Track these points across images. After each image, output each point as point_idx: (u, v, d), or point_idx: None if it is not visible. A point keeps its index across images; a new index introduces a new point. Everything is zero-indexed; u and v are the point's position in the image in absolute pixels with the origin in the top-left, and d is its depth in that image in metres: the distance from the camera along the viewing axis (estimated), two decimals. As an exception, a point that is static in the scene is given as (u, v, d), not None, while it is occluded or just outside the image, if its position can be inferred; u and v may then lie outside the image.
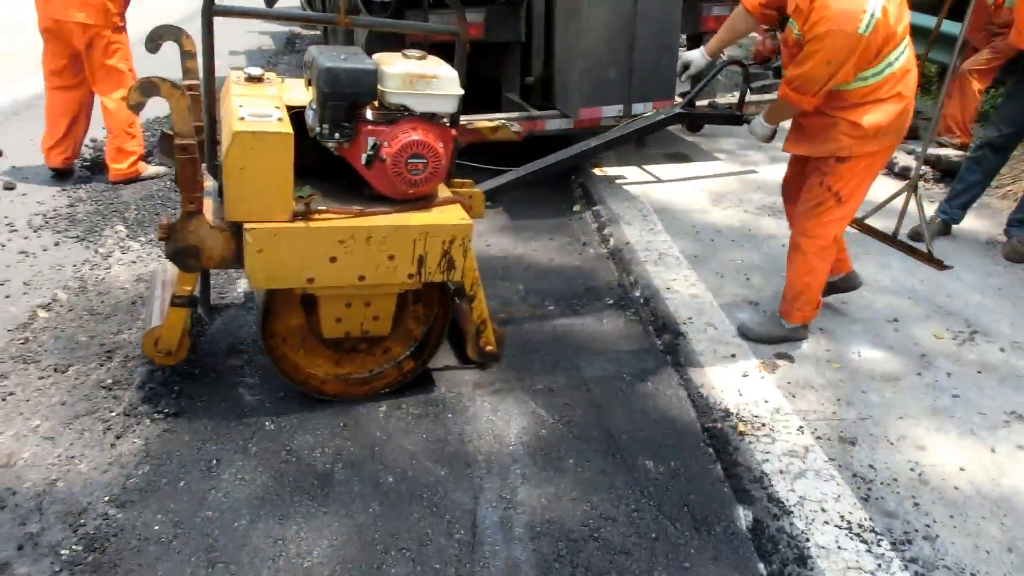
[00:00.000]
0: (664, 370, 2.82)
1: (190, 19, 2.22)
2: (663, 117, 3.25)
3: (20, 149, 4.42)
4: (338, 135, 2.26)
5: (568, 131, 4.26)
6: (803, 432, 2.41)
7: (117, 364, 2.61)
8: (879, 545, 2.00)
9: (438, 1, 4.03)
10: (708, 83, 3.23)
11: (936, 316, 3.19)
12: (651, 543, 2.05)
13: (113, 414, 2.37)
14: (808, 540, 2.00)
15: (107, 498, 2.07)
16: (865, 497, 2.17)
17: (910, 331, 3.07)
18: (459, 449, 2.36)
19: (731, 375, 2.70)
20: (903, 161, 4.88)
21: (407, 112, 2.27)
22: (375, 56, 2.36)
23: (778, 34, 3.04)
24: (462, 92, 2.33)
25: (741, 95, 3.26)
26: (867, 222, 3.96)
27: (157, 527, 1.99)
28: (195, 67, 2.54)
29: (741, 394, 2.60)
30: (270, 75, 2.48)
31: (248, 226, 2.12)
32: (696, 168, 4.82)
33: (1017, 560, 1.99)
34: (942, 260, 3.63)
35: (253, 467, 2.22)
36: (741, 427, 2.43)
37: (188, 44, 2.54)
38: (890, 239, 3.84)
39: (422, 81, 2.25)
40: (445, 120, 2.35)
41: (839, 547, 1.98)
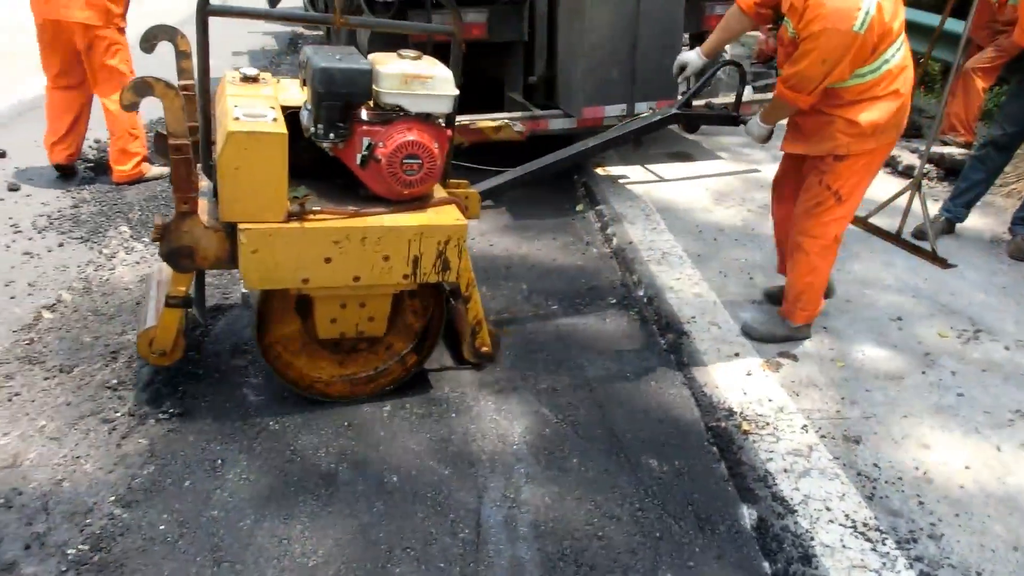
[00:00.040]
0: (667, 369, 2.82)
1: (190, 20, 2.22)
2: (659, 118, 3.23)
3: (24, 150, 4.43)
4: (333, 135, 2.25)
5: (571, 131, 4.26)
6: (807, 431, 2.41)
7: (122, 365, 2.62)
8: (884, 544, 1.99)
9: (441, 1, 4.04)
10: (704, 84, 3.22)
11: (940, 314, 3.18)
12: (655, 542, 2.05)
13: (118, 414, 2.38)
14: (813, 539, 2.00)
15: (113, 498, 2.08)
16: (870, 496, 2.17)
17: (914, 330, 3.06)
18: (463, 449, 2.36)
19: (735, 374, 2.70)
20: (907, 159, 4.87)
21: (402, 112, 2.26)
22: (370, 56, 2.35)
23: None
24: (457, 92, 2.32)
25: (738, 95, 3.24)
26: (871, 220, 3.95)
27: (162, 527, 2.00)
28: (190, 67, 2.54)
29: (745, 393, 2.60)
30: (265, 75, 2.48)
31: (242, 226, 2.11)
32: (699, 167, 4.81)
33: (1023, 559, 1.99)
34: (946, 259, 3.63)
35: (257, 467, 2.23)
36: (745, 426, 2.43)
37: (183, 44, 2.54)
38: (894, 238, 3.84)
39: (417, 81, 2.24)
40: (440, 120, 2.35)
41: (844, 546, 1.98)
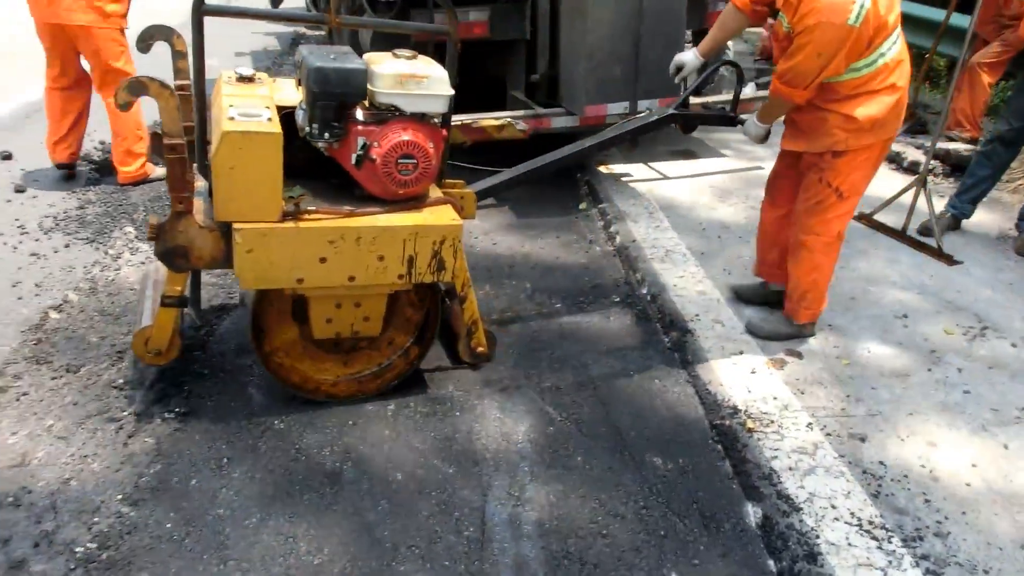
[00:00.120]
0: (672, 367, 2.82)
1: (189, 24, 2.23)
2: (656, 118, 3.22)
3: (30, 152, 4.44)
4: (328, 135, 2.25)
5: (574, 129, 4.25)
6: (812, 429, 2.41)
7: (128, 364, 2.63)
8: (890, 542, 1.99)
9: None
10: (703, 83, 3.21)
11: (946, 312, 3.17)
12: (660, 540, 2.06)
13: (125, 414, 2.39)
14: (818, 537, 2.00)
15: (120, 496, 2.09)
16: (875, 494, 2.16)
17: (920, 327, 3.05)
18: (467, 447, 2.37)
19: (739, 372, 2.70)
20: (912, 155, 4.85)
21: (397, 112, 2.26)
22: (365, 56, 2.34)
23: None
24: (453, 92, 2.32)
25: (735, 95, 3.22)
26: (876, 217, 3.95)
27: (169, 525, 2.01)
28: (186, 67, 2.53)
29: (749, 391, 2.60)
30: (261, 75, 2.47)
31: (237, 226, 2.11)
32: (702, 165, 4.80)
33: (1029, 556, 1.98)
34: (952, 255, 3.63)
35: (263, 466, 2.24)
36: (750, 424, 2.42)
37: (179, 44, 2.54)
38: (899, 234, 3.83)
39: (412, 81, 2.23)
40: (436, 120, 2.34)
41: (849, 544, 1.98)
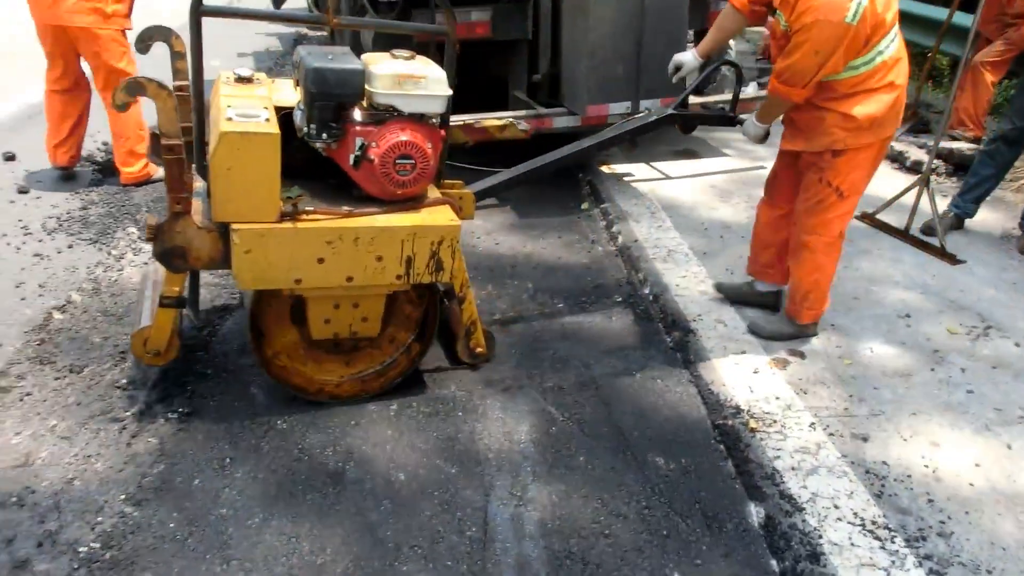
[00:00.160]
0: (674, 367, 2.82)
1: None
2: (655, 118, 3.22)
3: (33, 153, 4.45)
4: (326, 135, 2.25)
5: (576, 128, 4.25)
6: (815, 428, 2.40)
7: (131, 364, 2.63)
8: (893, 542, 1.99)
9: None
10: (704, 83, 3.20)
11: (949, 311, 3.16)
12: (662, 540, 2.05)
13: (128, 414, 2.40)
14: (821, 537, 1.99)
15: (123, 496, 2.09)
16: (878, 494, 2.16)
17: (923, 326, 3.04)
18: (469, 447, 2.37)
19: (742, 372, 2.70)
20: (915, 155, 4.84)
21: (395, 112, 2.26)
22: (363, 56, 2.34)
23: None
24: (451, 93, 2.32)
25: (734, 95, 3.21)
26: (879, 217, 3.94)
27: (172, 524, 2.02)
28: (185, 68, 2.53)
29: (752, 391, 2.59)
30: (260, 76, 2.47)
31: (235, 226, 2.11)
32: (704, 164, 4.80)
33: (1033, 556, 1.98)
34: (955, 255, 3.62)
35: (266, 465, 2.24)
36: (752, 424, 2.42)
37: (178, 45, 2.54)
38: (902, 234, 3.82)
39: (410, 81, 2.23)
40: (434, 120, 2.34)
41: (852, 544, 1.98)
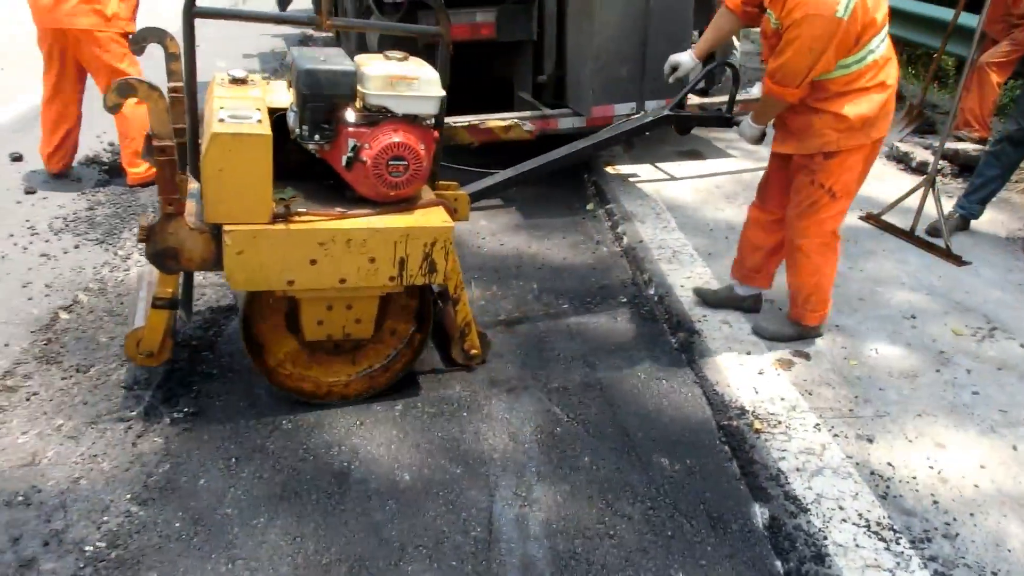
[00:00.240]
0: (679, 368, 2.82)
1: (204, 24, 2.24)
2: (651, 120, 3.22)
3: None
4: (318, 137, 2.25)
5: (580, 129, 4.25)
6: (820, 430, 2.40)
7: (137, 364, 2.64)
8: (898, 543, 1.98)
9: (450, 1, 4.04)
10: (698, 84, 3.19)
11: (955, 312, 3.16)
12: (667, 541, 2.05)
13: (134, 413, 2.41)
14: (826, 538, 1.99)
15: (129, 496, 2.10)
16: (883, 495, 2.16)
17: (928, 328, 3.04)
18: (474, 447, 2.37)
19: (746, 372, 2.69)
20: (920, 156, 4.83)
21: (388, 114, 2.25)
22: (356, 57, 2.34)
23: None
24: (444, 94, 2.32)
25: (731, 96, 3.20)
26: (884, 218, 3.94)
27: (178, 524, 2.02)
28: (179, 69, 2.54)
29: (757, 391, 2.59)
30: (254, 77, 2.48)
31: (227, 228, 2.11)
32: (709, 165, 4.80)
33: (1039, 558, 1.97)
34: (960, 256, 3.61)
35: (271, 465, 2.25)
36: (757, 425, 2.42)
37: (173, 46, 2.55)
38: (908, 235, 3.82)
39: (403, 83, 2.22)
40: (427, 122, 2.33)
41: (857, 545, 1.97)
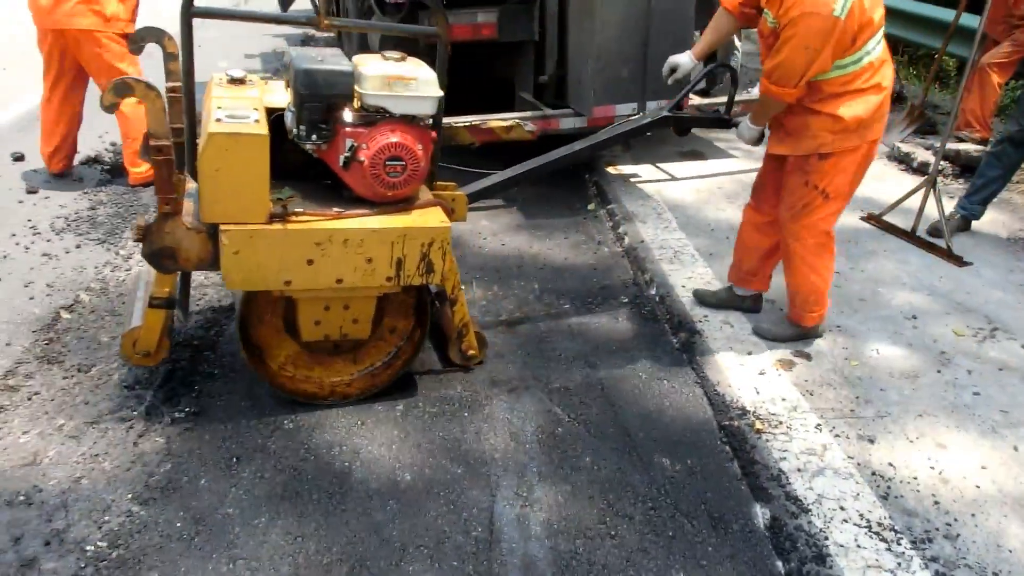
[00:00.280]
0: (680, 368, 2.82)
1: (207, 24, 2.24)
2: (648, 120, 3.22)
3: (42, 153, 4.49)
4: (315, 137, 2.25)
5: (582, 130, 4.25)
6: (821, 430, 2.40)
7: (133, 364, 2.64)
8: (899, 544, 1.98)
9: (452, 1, 4.05)
10: (697, 85, 3.18)
11: (956, 313, 3.16)
12: (668, 541, 2.05)
13: (135, 413, 2.41)
14: (827, 538, 1.99)
15: (130, 495, 2.10)
16: (884, 495, 2.16)
17: (929, 328, 3.04)
18: (475, 447, 2.37)
19: (748, 373, 2.69)
20: (922, 156, 4.83)
21: (386, 114, 2.25)
22: (354, 58, 2.35)
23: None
24: (441, 94, 2.32)
25: (730, 97, 3.20)
26: (885, 218, 3.94)
27: (179, 524, 2.03)
28: (178, 69, 2.54)
29: (758, 392, 2.59)
30: (252, 77, 2.48)
31: (224, 227, 2.11)
32: (710, 166, 4.80)
33: (1040, 559, 1.97)
34: (962, 256, 3.61)
35: (272, 465, 2.25)
36: (758, 425, 2.42)
37: (171, 46, 2.55)
38: (909, 235, 3.82)
39: (400, 83, 2.23)
40: (425, 122, 2.34)
41: (858, 545, 1.97)
